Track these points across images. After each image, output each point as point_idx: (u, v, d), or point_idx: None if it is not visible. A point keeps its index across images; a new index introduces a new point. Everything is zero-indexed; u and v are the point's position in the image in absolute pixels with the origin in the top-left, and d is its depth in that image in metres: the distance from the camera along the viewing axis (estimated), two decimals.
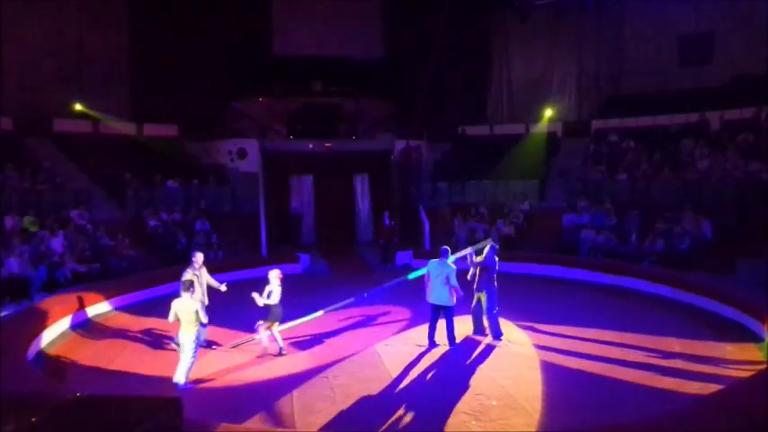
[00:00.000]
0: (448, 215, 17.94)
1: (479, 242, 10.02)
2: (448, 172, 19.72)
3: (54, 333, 9.25)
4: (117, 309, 11.17)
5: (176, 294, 7.48)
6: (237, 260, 14.97)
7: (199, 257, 9.00)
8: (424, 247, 16.83)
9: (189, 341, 7.22)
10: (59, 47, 18.40)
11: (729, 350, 8.40)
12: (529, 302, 11.53)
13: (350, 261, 17.15)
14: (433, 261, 8.68)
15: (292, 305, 9.18)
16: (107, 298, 11.08)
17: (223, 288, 9.05)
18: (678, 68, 19.39)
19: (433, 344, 8.67)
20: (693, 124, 17.68)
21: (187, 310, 7.23)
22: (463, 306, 9.24)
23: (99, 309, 10.78)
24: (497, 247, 9.37)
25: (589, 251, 14.75)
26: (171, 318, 7.34)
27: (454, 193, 18.99)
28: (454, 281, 8.39)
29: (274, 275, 8.43)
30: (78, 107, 18.29)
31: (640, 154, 17.29)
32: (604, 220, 15.33)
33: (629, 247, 14.28)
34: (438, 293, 8.49)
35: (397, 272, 14.12)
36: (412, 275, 9.76)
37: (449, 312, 8.59)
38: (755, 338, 8.70)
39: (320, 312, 8.94)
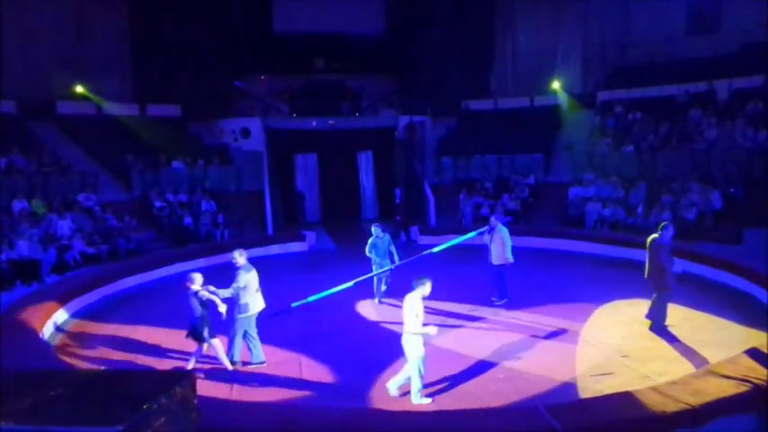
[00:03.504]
0: (453, 191, 17.91)
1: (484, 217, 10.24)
2: (452, 147, 19.63)
3: (65, 314, 9.38)
4: (126, 290, 11.27)
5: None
6: (243, 239, 15.04)
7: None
8: (430, 224, 16.83)
9: (409, 353, 5.97)
10: (60, 29, 18.26)
11: (737, 319, 8.42)
12: (532, 276, 11.57)
13: (355, 237, 17.14)
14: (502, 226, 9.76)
15: (303, 282, 9.16)
16: (116, 279, 11.19)
17: None
18: (685, 37, 19.06)
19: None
20: (701, 94, 17.44)
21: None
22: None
23: (108, 290, 10.89)
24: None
25: (595, 224, 14.74)
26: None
27: (459, 168, 18.96)
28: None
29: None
30: (80, 89, 18.22)
31: (647, 125, 17.12)
32: (611, 192, 15.27)
33: (636, 218, 14.24)
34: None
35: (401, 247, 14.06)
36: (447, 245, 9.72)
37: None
38: (763, 308, 8.70)
39: (351, 283, 8.82)
